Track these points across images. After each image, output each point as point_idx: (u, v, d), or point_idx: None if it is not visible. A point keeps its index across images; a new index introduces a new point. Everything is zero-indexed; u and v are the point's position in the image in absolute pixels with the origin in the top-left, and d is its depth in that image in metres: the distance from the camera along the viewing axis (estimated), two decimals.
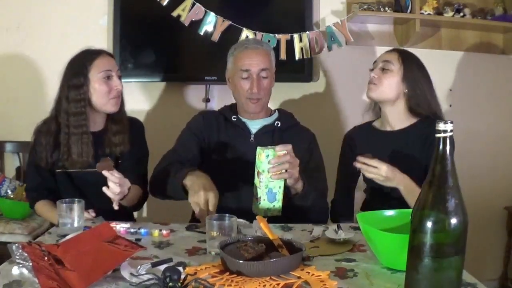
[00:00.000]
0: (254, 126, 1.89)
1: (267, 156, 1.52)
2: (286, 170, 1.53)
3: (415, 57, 1.85)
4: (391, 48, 1.96)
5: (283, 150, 1.52)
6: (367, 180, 1.92)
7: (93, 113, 1.82)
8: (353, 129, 2.00)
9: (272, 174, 1.52)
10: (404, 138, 1.79)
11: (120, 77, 1.85)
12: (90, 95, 1.79)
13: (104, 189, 1.54)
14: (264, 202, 1.55)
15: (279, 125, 1.89)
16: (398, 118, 1.82)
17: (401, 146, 1.78)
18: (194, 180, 1.57)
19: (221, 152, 1.84)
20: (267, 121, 1.91)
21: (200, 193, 1.51)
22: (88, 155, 1.77)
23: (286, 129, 1.90)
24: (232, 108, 1.96)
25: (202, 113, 1.99)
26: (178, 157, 1.82)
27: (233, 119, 1.89)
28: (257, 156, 1.55)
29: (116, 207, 1.59)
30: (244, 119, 1.90)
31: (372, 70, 1.84)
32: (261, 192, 1.55)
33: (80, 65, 1.79)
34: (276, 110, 1.98)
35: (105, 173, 1.54)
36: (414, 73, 1.79)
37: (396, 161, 1.74)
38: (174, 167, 1.70)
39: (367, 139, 1.89)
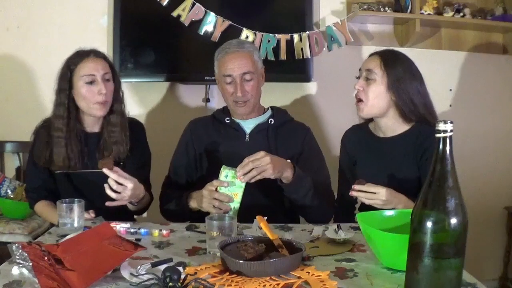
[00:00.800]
0: (248, 126, 1.90)
1: (226, 176, 1.61)
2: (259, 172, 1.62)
3: (399, 58, 1.76)
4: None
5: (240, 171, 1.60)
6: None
7: (85, 116, 1.82)
8: (350, 129, 1.96)
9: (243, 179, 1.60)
10: (396, 146, 1.76)
11: (110, 80, 1.81)
12: (76, 98, 1.78)
13: (107, 190, 1.56)
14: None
15: (272, 122, 1.90)
16: (390, 126, 1.78)
17: (393, 154, 1.75)
18: (195, 197, 1.73)
19: (218, 155, 1.85)
20: (260, 119, 1.91)
21: (203, 195, 1.64)
22: (63, 158, 1.76)
23: (280, 125, 1.91)
24: (224, 110, 1.97)
25: (191, 124, 1.99)
26: (176, 182, 1.92)
27: (226, 121, 1.90)
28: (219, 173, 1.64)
29: (114, 197, 1.58)
30: (237, 120, 1.90)
31: (358, 78, 1.78)
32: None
33: (65, 68, 1.79)
34: (270, 108, 1.98)
35: (105, 170, 1.55)
36: (399, 77, 1.70)
37: (388, 169, 1.74)
38: (177, 198, 1.81)
39: (363, 141, 1.87)
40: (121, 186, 1.57)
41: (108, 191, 1.56)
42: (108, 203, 1.59)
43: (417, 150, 1.72)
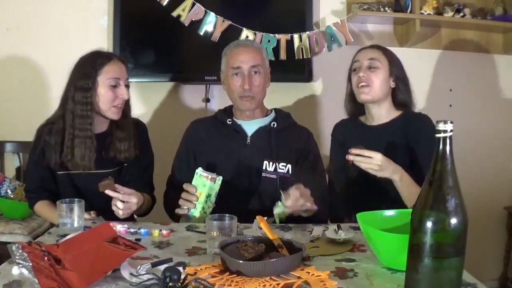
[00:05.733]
0: (250, 128, 1.89)
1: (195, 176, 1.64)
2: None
3: (392, 52, 1.87)
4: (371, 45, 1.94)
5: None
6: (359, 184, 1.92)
7: (96, 116, 1.80)
8: (340, 122, 2.00)
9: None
10: (386, 131, 1.80)
11: (127, 86, 1.82)
12: (97, 98, 1.76)
13: (113, 207, 1.58)
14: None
15: (275, 125, 1.89)
16: (382, 114, 1.83)
17: (384, 140, 1.78)
18: None
19: (218, 156, 1.84)
20: (263, 122, 1.90)
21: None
22: (90, 159, 1.75)
23: (283, 129, 1.90)
24: (226, 111, 1.96)
25: (192, 124, 1.99)
26: (178, 183, 1.90)
27: (228, 122, 1.89)
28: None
29: (121, 217, 1.60)
30: (239, 122, 1.89)
31: (354, 70, 1.82)
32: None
33: (89, 68, 1.75)
34: (273, 110, 1.97)
35: (108, 192, 1.56)
36: (397, 67, 1.80)
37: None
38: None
39: (354, 131, 1.91)
40: (127, 204, 1.59)
41: (115, 209, 1.59)
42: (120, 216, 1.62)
43: (406, 134, 1.77)
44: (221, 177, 1.64)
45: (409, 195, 1.61)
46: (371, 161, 1.57)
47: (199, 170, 1.64)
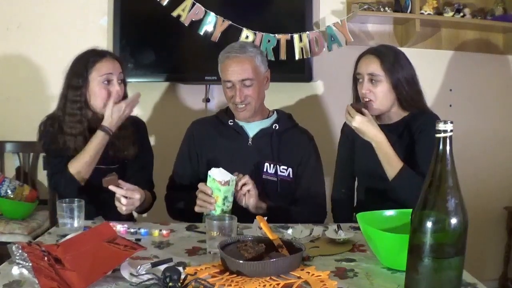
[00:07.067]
0: (251, 129, 1.88)
1: (208, 178, 1.60)
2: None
3: (389, 51, 1.81)
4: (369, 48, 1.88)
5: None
6: (361, 180, 1.92)
7: (93, 115, 1.80)
8: None
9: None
10: (393, 130, 1.80)
11: (122, 82, 1.82)
12: (89, 97, 1.77)
13: (117, 202, 1.58)
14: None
15: (277, 127, 1.88)
16: (392, 115, 1.84)
17: (393, 139, 1.78)
18: None
19: (219, 157, 1.84)
20: (265, 123, 1.90)
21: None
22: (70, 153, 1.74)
23: (284, 131, 1.89)
24: (228, 112, 1.95)
25: (193, 125, 1.99)
26: (180, 184, 1.92)
27: (229, 123, 1.89)
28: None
29: (124, 212, 1.61)
30: (241, 123, 1.89)
31: (359, 81, 1.81)
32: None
33: (81, 66, 1.76)
34: (275, 111, 1.97)
35: (112, 188, 1.56)
36: (396, 71, 1.76)
37: None
38: (186, 199, 1.79)
39: None
40: (130, 200, 1.59)
41: (118, 205, 1.59)
42: (123, 212, 1.62)
43: (411, 131, 1.77)
44: (234, 178, 1.61)
45: (388, 166, 1.69)
46: (350, 120, 1.71)
47: (212, 174, 1.60)
